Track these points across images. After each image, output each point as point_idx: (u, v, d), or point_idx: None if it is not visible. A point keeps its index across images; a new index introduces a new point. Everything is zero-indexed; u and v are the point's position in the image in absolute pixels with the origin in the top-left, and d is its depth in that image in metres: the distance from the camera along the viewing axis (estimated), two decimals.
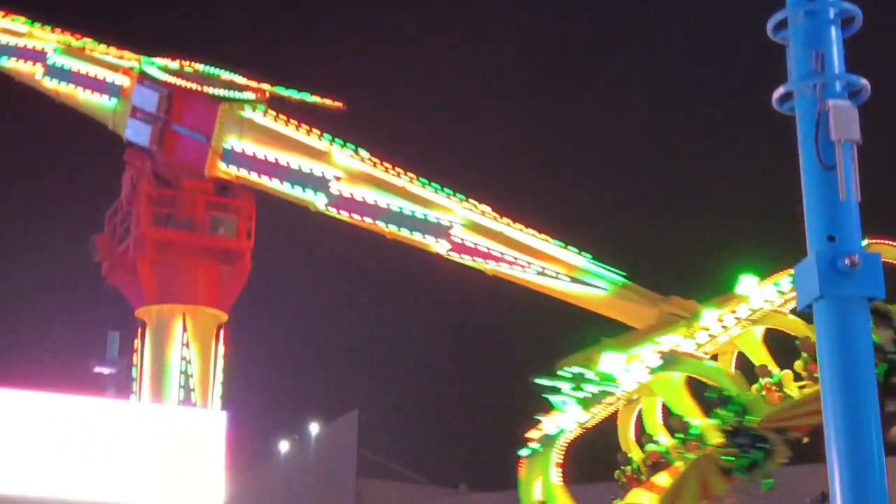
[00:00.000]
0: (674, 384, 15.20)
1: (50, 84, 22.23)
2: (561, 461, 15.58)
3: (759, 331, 16.12)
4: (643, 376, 15.23)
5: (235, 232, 21.05)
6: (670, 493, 14.93)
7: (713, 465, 14.69)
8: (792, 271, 16.29)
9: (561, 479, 15.52)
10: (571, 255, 17.89)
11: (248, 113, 20.18)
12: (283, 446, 38.09)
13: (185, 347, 20.61)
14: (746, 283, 16.16)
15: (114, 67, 21.70)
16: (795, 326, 15.83)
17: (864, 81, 9.07)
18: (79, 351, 20.41)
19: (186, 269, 20.82)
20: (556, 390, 15.23)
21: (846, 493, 8.26)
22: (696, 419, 15.24)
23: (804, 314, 16.82)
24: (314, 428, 37.11)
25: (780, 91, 9.26)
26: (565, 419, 15.46)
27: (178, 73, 21.31)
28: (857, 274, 8.62)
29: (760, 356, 16.00)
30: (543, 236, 18.22)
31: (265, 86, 21.61)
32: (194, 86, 20.87)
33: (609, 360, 15.39)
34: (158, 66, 21.44)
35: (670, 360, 15.20)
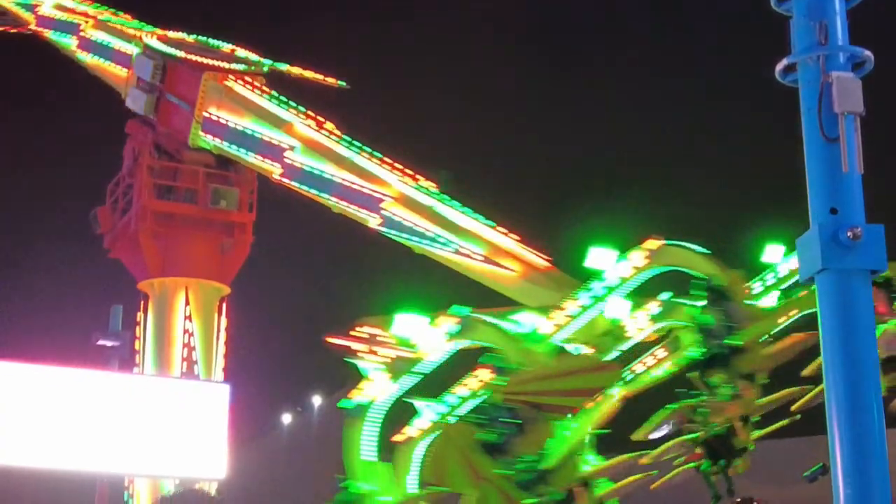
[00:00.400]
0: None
1: (83, 57, 22.39)
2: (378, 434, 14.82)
3: None
4: (441, 342, 14.53)
5: (237, 204, 21.07)
6: (433, 472, 13.94)
7: (469, 440, 13.59)
8: (647, 244, 16.02)
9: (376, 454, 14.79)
10: (499, 236, 17.63)
11: (229, 82, 20.16)
12: (286, 418, 38.25)
13: (188, 320, 20.66)
14: (598, 257, 15.25)
15: (129, 38, 21.81)
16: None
17: (867, 53, 9.03)
18: (81, 324, 20.47)
19: (188, 241, 20.85)
20: (352, 352, 14.56)
21: (847, 465, 8.27)
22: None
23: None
24: (316, 400, 37.27)
25: (782, 63, 9.23)
26: (375, 388, 14.78)
27: (178, 43, 21.29)
28: (859, 247, 8.62)
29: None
30: (476, 215, 18.02)
31: (266, 60, 21.57)
32: (185, 55, 20.89)
33: (403, 323, 14.48)
34: (158, 36, 21.46)
35: (467, 325, 14.42)
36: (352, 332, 14.59)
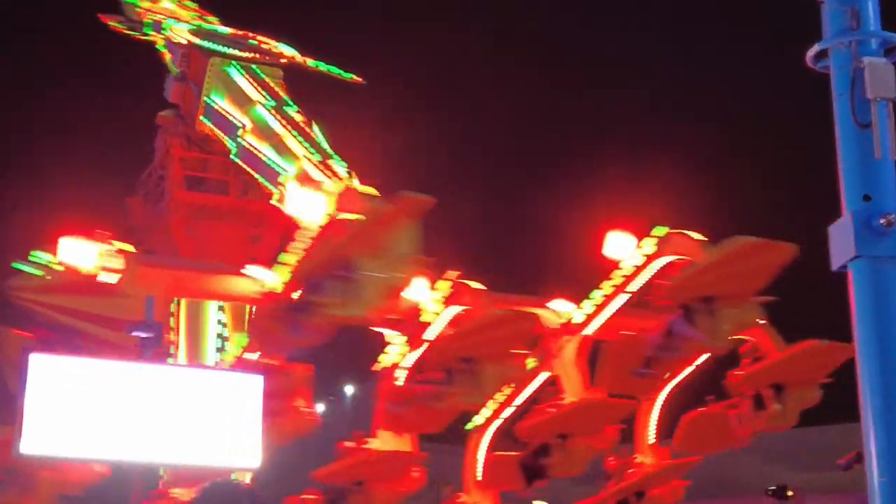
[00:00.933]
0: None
1: (167, 57, 22.41)
2: None
3: None
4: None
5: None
6: None
7: None
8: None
9: None
10: None
11: (227, 67, 20.16)
12: (320, 407, 38.55)
13: (221, 311, 20.73)
14: (297, 199, 15.17)
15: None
16: None
17: None
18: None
19: (220, 232, 20.92)
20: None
21: (881, 452, 8.29)
22: None
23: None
24: (349, 389, 37.59)
25: (814, 49, 9.20)
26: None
27: (208, 34, 21.32)
28: (893, 234, 8.60)
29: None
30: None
31: (288, 51, 21.50)
32: (202, 42, 20.89)
33: (68, 248, 14.19)
34: (191, 27, 21.49)
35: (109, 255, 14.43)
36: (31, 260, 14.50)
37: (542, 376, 17.74)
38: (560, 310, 17.10)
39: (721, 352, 17.79)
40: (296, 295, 14.65)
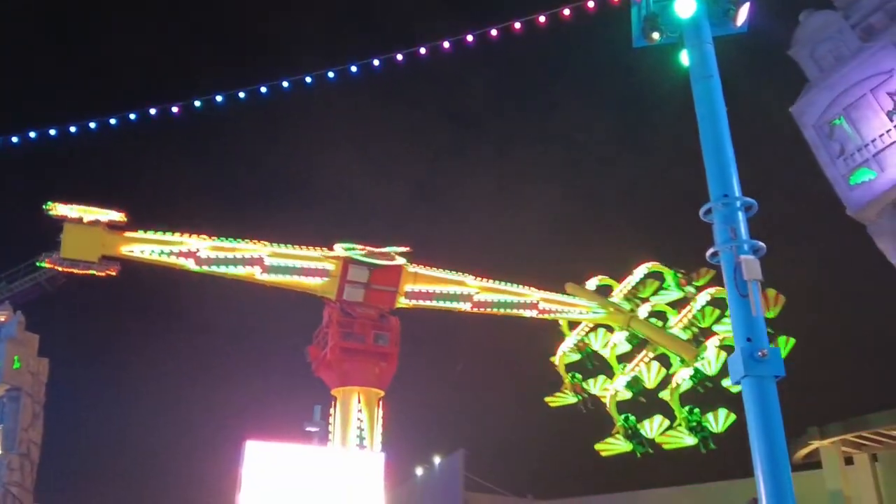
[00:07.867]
0: None
1: (267, 277, 21.74)
2: None
3: None
4: None
5: (388, 342, 23.51)
6: None
7: None
8: None
9: None
10: None
11: (410, 268, 23.48)
12: (419, 471, 40.02)
13: (360, 413, 22.91)
14: None
15: (318, 259, 22.77)
16: None
17: (761, 244, 11.36)
18: (296, 416, 23.15)
19: (360, 364, 23.30)
20: None
21: (770, 498, 10.17)
22: None
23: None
24: (437, 459, 39.10)
25: (710, 251, 11.59)
26: None
27: (374, 255, 23.86)
28: (766, 361, 10.78)
29: None
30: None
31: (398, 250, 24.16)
32: (383, 262, 23.51)
33: None
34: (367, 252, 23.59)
35: None
36: None
37: None
38: None
39: None
40: None
